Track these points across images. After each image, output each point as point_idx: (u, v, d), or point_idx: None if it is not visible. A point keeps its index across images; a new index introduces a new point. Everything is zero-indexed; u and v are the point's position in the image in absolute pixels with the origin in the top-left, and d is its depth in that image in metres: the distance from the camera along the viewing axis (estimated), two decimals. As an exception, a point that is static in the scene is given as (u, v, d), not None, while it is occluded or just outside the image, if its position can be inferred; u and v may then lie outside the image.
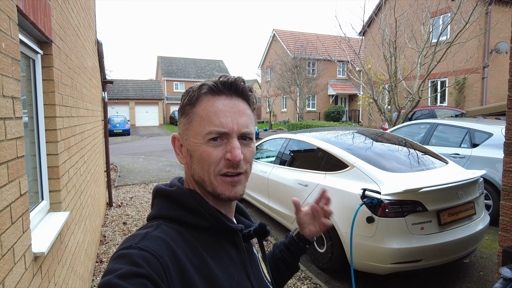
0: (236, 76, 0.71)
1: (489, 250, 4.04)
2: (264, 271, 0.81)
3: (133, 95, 32.54)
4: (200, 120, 0.68)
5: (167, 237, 0.62)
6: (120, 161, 11.48)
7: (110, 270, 0.54)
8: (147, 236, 0.61)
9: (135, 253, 0.56)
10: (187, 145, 0.71)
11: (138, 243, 0.59)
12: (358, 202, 3.03)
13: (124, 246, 0.59)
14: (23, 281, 1.35)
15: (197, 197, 0.70)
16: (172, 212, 0.69)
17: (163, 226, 0.66)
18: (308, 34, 27.82)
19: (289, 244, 1.03)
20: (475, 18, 8.08)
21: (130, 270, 0.53)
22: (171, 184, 0.76)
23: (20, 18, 1.53)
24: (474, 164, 4.98)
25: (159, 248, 0.58)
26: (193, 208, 0.69)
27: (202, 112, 0.68)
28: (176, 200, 0.70)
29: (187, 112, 0.71)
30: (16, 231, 1.29)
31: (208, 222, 0.69)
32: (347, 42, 9.65)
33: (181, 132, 0.73)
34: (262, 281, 0.77)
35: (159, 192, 0.74)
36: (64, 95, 2.36)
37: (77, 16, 3.16)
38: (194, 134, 0.69)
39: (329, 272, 3.57)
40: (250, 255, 0.77)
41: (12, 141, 1.29)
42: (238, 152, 0.67)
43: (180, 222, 0.68)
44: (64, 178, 2.25)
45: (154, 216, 0.70)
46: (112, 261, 0.57)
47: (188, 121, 0.70)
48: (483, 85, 13.60)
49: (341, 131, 4.71)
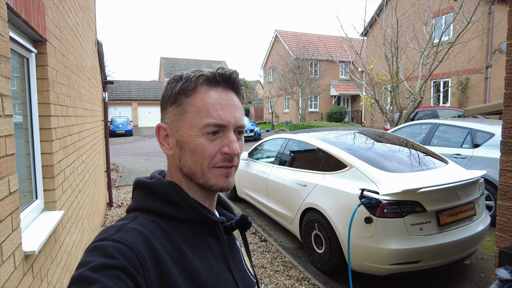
0: (232, 69, 0.71)
1: (490, 251, 3.99)
2: (246, 264, 0.80)
3: (136, 96, 32.64)
4: (196, 112, 0.66)
5: (143, 228, 0.61)
6: (122, 161, 11.51)
7: (83, 262, 0.53)
8: (122, 227, 0.60)
9: (109, 245, 0.55)
10: (177, 136, 0.69)
11: (113, 235, 0.57)
12: (356, 202, 3.01)
13: (98, 238, 0.58)
14: (12, 280, 1.34)
15: (176, 188, 0.69)
16: (151, 204, 0.67)
17: (140, 218, 0.64)
18: (310, 34, 27.79)
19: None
20: (478, 17, 8.03)
21: (103, 262, 0.52)
22: (151, 177, 0.74)
23: (11, 16, 1.52)
24: (475, 165, 4.93)
25: (135, 239, 0.57)
26: (171, 200, 0.67)
27: (199, 103, 0.67)
28: (155, 191, 0.69)
29: (181, 101, 0.68)
30: (4, 230, 1.28)
31: (188, 214, 0.68)
32: (349, 42, 9.61)
33: (170, 122, 0.70)
34: (244, 273, 0.76)
35: (138, 184, 0.72)
36: (59, 94, 2.36)
37: (75, 16, 3.16)
38: (188, 126, 0.67)
39: (327, 273, 3.55)
40: (232, 248, 0.76)
41: (1, 139, 1.28)
42: (236, 146, 0.67)
43: (158, 214, 0.67)
44: (60, 177, 2.25)
45: (132, 208, 0.69)
46: (86, 254, 0.56)
47: (181, 111, 0.68)
48: (486, 85, 13.50)
49: (341, 131, 4.68)
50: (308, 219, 3.74)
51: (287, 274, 3.57)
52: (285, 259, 3.93)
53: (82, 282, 0.50)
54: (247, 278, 0.76)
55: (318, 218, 3.55)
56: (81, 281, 0.50)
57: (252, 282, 0.78)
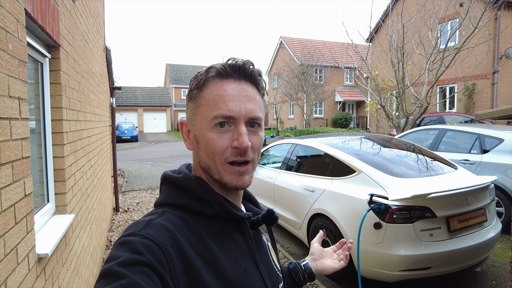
0: (245, 59, 0.69)
1: (501, 258, 3.93)
2: (273, 259, 0.80)
3: (142, 102, 32.90)
4: (206, 104, 0.66)
5: (170, 225, 0.61)
6: (128, 167, 11.57)
7: (111, 257, 0.54)
8: (150, 223, 0.60)
9: (137, 241, 0.56)
10: (194, 130, 0.70)
11: (141, 231, 0.58)
12: (365, 207, 2.99)
13: (127, 233, 0.59)
14: (26, 282, 1.35)
15: (203, 184, 0.69)
16: (178, 199, 0.68)
17: (168, 213, 0.65)
18: (315, 41, 27.89)
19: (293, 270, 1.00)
20: (484, 23, 8.01)
21: (131, 257, 0.53)
22: (178, 171, 0.75)
23: (28, 21, 1.56)
24: (484, 171, 4.87)
25: (162, 236, 0.58)
26: (199, 196, 0.68)
27: (209, 96, 0.67)
28: (182, 187, 0.69)
29: (194, 96, 0.69)
30: (20, 231, 1.29)
31: (214, 210, 0.68)
32: (354, 48, 9.63)
33: (189, 117, 0.72)
34: (271, 268, 0.76)
35: (166, 179, 0.73)
36: (71, 99, 2.39)
37: (86, 22, 3.21)
38: (201, 119, 0.67)
39: (336, 279, 3.51)
40: (259, 243, 0.76)
41: (18, 142, 1.30)
42: (245, 139, 0.65)
43: (185, 210, 0.67)
44: (70, 181, 2.27)
45: (160, 203, 0.70)
46: (114, 248, 0.57)
47: (195, 105, 0.69)
48: (493, 91, 13.41)
49: (348, 136, 4.67)
50: (316, 225, 3.72)
51: (294, 280, 3.54)
52: (293, 265, 3.90)
53: (111, 277, 0.51)
54: (274, 274, 0.76)
55: (326, 223, 3.52)
56: (110, 275, 0.51)
57: (279, 277, 0.78)
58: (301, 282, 0.98)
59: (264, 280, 0.70)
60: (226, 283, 0.62)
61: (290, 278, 0.98)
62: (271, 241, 0.85)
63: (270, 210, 0.79)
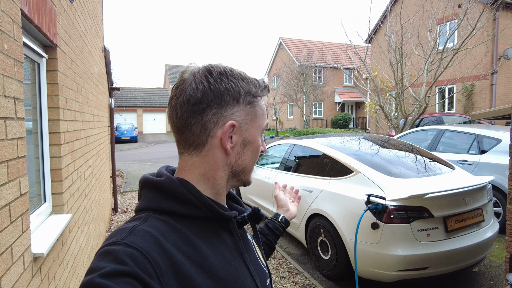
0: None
1: (499, 258, 3.93)
2: (259, 256, 0.81)
3: (141, 102, 32.90)
4: (262, 115, 0.75)
5: (155, 231, 0.59)
6: (127, 167, 11.56)
7: (94, 268, 0.52)
8: (134, 230, 0.58)
9: (120, 250, 0.54)
10: (246, 135, 0.71)
11: (125, 239, 0.56)
12: (362, 208, 2.99)
13: (109, 241, 0.57)
14: (21, 281, 1.35)
15: (187, 186, 0.67)
16: (162, 203, 0.66)
17: (152, 218, 0.63)
18: (315, 42, 27.94)
19: (274, 228, 1.15)
20: (482, 24, 8.03)
21: (114, 268, 0.51)
22: (158, 174, 0.72)
23: (24, 22, 1.56)
24: (482, 171, 4.88)
25: (146, 243, 0.56)
26: (184, 198, 0.66)
27: (263, 107, 0.76)
28: (166, 190, 0.67)
29: (255, 104, 0.73)
30: (15, 231, 1.29)
31: (201, 211, 0.67)
32: (353, 49, 9.66)
33: (241, 120, 0.69)
34: (258, 266, 0.76)
35: (146, 183, 0.70)
36: (68, 99, 2.39)
37: (84, 23, 3.22)
38: (257, 126, 0.74)
39: (333, 279, 3.51)
40: (245, 241, 0.76)
41: (13, 141, 1.30)
42: (265, 145, 0.80)
43: (170, 213, 0.65)
44: (67, 181, 2.27)
45: (142, 208, 0.67)
46: (96, 258, 0.55)
47: (255, 112, 0.73)
48: (492, 91, 13.43)
49: (346, 137, 4.67)
50: (314, 225, 3.72)
51: (292, 280, 3.54)
52: (291, 265, 3.90)
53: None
54: (261, 271, 0.77)
55: (324, 224, 3.53)
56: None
57: (266, 273, 0.79)
58: (282, 234, 1.17)
59: (254, 278, 0.71)
60: (218, 283, 0.61)
61: (273, 235, 1.14)
62: (255, 238, 0.86)
63: (256, 208, 0.80)
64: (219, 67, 0.70)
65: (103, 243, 0.58)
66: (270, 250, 1.13)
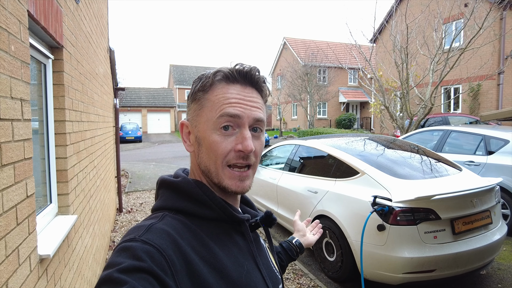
0: (252, 66, 0.70)
1: (507, 261, 3.88)
2: (272, 260, 0.81)
3: (146, 102, 33.03)
4: (211, 106, 0.67)
5: (171, 229, 0.61)
6: (131, 167, 11.60)
7: (111, 263, 0.54)
8: (151, 228, 0.60)
9: (138, 247, 0.55)
10: (196, 132, 0.70)
11: (142, 236, 0.57)
12: (368, 209, 2.96)
13: (127, 238, 0.58)
14: (27, 283, 1.35)
15: (202, 187, 0.69)
16: (178, 203, 0.68)
17: (168, 217, 0.64)
18: (319, 41, 27.86)
19: (288, 248, 1.14)
20: (489, 23, 7.93)
21: (132, 264, 0.52)
22: (175, 175, 0.74)
23: (31, 23, 1.56)
24: (489, 172, 4.83)
25: (163, 241, 0.57)
26: (199, 199, 0.67)
27: (214, 98, 0.67)
28: (182, 191, 0.69)
29: (199, 98, 0.70)
30: (21, 232, 1.29)
31: (215, 212, 0.68)
32: (358, 49, 9.59)
33: (190, 118, 0.72)
34: (271, 270, 0.76)
35: (164, 183, 0.73)
36: (74, 99, 2.39)
37: (89, 23, 3.23)
38: (204, 121, 0.68)
39: (339, 281, 3.49)
40: (258, 245, 0.76)
41: (20, 143, 1.30)
42: (250, 143, 0.66)
43: (185, 213, 0.67)
44: (73, 182, 2.27)
45: (159, 207, 0.69)
46: (114, 254, 0.56)
47: (199, 107, 0.69)
48: (498, 91, 13.29)
49: (351, 137, 4.65)
50: (318, 226, 3.70)
51: (297, 282, 3.53)
52: (296, 266, 3.89)
53: (111, 283, 0.50)
54: (274, 276, 0.76)
55: (329, 225, 3.51)
56: (110, 282, 0.50)
57: (278, 278, 0.79)
58: (295, 256, 1.14)
59: (266, 281, 0.70)
60: (230, 285, 0.62)
61: (286, 255, 1.12)
62: (269, 243, 0.86)
63: (268, 212, 0.79)
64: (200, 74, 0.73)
65: (120, 239, 0.60)
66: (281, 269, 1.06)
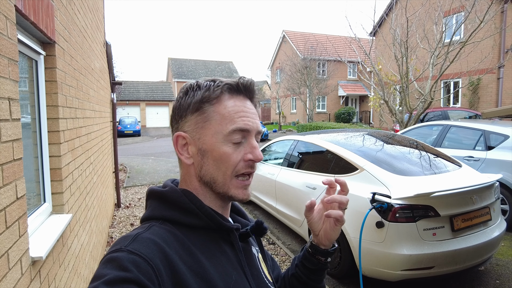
0: (250, 79, 0.73)
1: (505, 257, 3.88)
2: (264, 271, 0.79)
3: (144, 96, 32.85)
4: (221, 119, 0.67)
5: (158, 238, 0.60)
6: (130, 162, 11.57)
7: (98, 275, 0.53)
8: (137, 238, 0.59)
9: (123, 257, 0.55)
10: (199, 144, 0.69)
11: (128, 246, 0.57)
12: (367, 206, 2.94)
13: (113, 249, 0.58)
14: (19, 286, 1.32)
15: (189, 195, 0.69)
16: (165, 212, 0.68)
17: (155, 227, 0.64)
18: (318, 35, 27.64)
19: (303, 258, 0.85)
20: (490, 16, 7.85)
21: (117, 275, 0.52)
22: (164, 185, 0.74)
23: (20, 18, 1.51)
24: (489, 168, 4.81)
25: (149, 250, 0.57)
26: (186, 208, 0.67)
27: (223, 110, 0.68)
28: (169, 200, 0.69)
29: (204, 109, 0.68)
30: (11, 236, 1.26)
31: (202, 221, 0.67)
32: (358, 42, 9.51)
33: (190, 130, 0.70)
34: (262, 281, 0.74)
35: (151, 193, 0.73)
36: (68, 96, 2.34)
37: (84, 18, 3.16)
38: (213, 133, 0.67)
39: (337, 277, 3.48)
40: (248, 255, 0.75)
41: (8, 143, 1.26)
42: (259, 152, 0.69)
43: (173, 222, 0.66)
44: (68, 180, 2.23)
45: (146, 217, 0.69)
46: (100, 266, 0.56)
47: (205, 119, 0.68)
48: (498, 85, 13.23)
49: (350, 133, 4.61)
50: (317, 223, 3.68)
51: (295, 278, 3.52)
52: (294, 262, 3.88)
53: None
54: (265, 286, 0.74)
55: (327, 221, 3.48)
56: None
57: None
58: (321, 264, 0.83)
59: None
60: None
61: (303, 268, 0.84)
62: (261, 253, 0.84)
63: (259, 221, 0.78)
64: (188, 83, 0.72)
65: (107, 250, 0.59)
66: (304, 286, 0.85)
